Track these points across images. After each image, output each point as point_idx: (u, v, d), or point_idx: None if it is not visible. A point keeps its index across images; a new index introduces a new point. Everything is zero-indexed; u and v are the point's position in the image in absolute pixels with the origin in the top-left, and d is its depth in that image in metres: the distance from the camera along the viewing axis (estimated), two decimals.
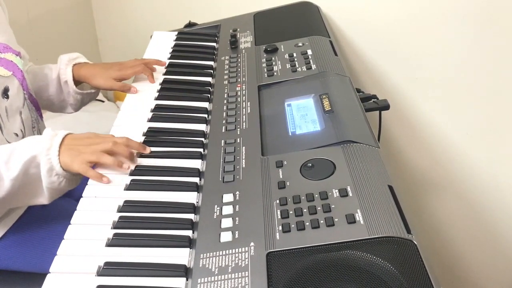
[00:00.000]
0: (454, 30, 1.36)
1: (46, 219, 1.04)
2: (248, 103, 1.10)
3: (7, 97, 1.02)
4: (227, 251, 0.74)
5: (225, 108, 1.10)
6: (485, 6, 1.30)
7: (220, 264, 0.72)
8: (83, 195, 0.88)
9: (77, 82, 1.20)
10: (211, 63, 1.31)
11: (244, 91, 1.14)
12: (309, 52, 1.23)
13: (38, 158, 0.88)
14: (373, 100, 1.15)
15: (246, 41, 1.37)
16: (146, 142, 1.00)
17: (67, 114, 1.29)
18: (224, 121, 1.05)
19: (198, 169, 0.94)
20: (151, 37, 1.48)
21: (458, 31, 1.36)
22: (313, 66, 1.17)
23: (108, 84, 1.18)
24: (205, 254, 0.74)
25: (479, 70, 1.37)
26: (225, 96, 1.14)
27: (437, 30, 1.39)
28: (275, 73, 1.18)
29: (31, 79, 1.19)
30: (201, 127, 1.06)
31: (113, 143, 0.92)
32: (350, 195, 0.79)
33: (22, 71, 1.08)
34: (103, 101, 2.07)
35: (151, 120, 1.08)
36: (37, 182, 0.90)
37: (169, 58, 1.33)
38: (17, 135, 1.04)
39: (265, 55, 1.27)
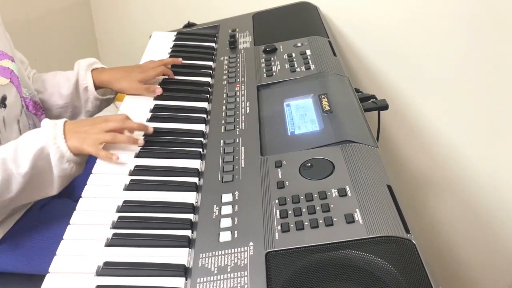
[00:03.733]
0: (453, 30, 1.36)
1: (45, 220, 1.04)
2: (247, 103, 1.10)
3: (5, 106, 1.00)
4: (226, 251, 0.74)
5: (224, 108, 1.10)
6: (485, 6, 1.30)
7: (219, 264, 0.72)
8: (82, 195, 0.88)
9: (95, 88, 1.19)
10: (210, 63, 1.31)
11: (243, 91, 1.14)
12: (308, 52, 1.24)
13: (46, 149, 0.89)
14: (372, 100, 1.16)
15: (245, 41, 1.37)
16: (146, 142, 1.00)
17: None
18: (223, 121, 1.05)
19: (197, 169, 0.94)
20: (150, 37, 1.48)
21: (456, 31, 1.36)
22: (312, 66, 1.17)
23: (133, 87, 1.16)
24: (204, 254, 0.74)
25: (478, 70, 1.37)
26: (224, 96, 1.14)
27: (436, 30, 1.39)
28: (274, 73, 1.18)
29: (40, 87, 1.18)
30: (200, 127, 1.06)
31: (122, 120, 0.96)
32: (349, 194, 0.79)
33: (19, 77, 1.06)
34: None
35: (150, 120, 1.08)
36: (47, 174, 0.91)
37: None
38: None
39: (264, 55, 1.27)
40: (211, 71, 1.28)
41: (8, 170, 0.88)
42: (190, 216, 0.84)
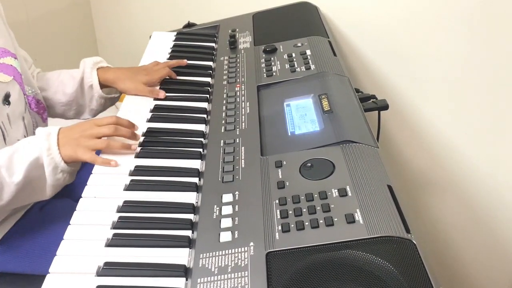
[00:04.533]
0: (453, 30, 1.37)
1: (45, 220, 1.04)
2: (247, 103, 1.10)
3: (8, 103, 1.00)
4: (226, 251, 0.74)
5: (224, 108, 1.10)
6: (485, 6, 1.30)
7: (219, 264, 0.72)
8: (82, 195, 0.88)
9: (100, 86, 1.19)
10: (210, 63, 1.31)
11: (243, 91, 1.14)
12: (308, 52, 1.24)
13: (41, 160, 0.89)
14: (372, 100, 1.16)
15: (245, 41, 1.37)
16: (146, 142, 1.00)
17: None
18: (223, 121, 1.05)
19: (198, 169, 0.94)
20: (150, 37, 1.48)
21: (456, 31, 1.36)
22: (312, 66, 1.17)
23: (137, 88, 1.17)
24: (204, 254, 0.74)
25: (478, 70, 1.37)
26: (224, 97, 1.14)
27: (436, 30, 1.39)
28: (274, 73, 1.19)
29: (44, 85, 1.18)
30: (201, 127, 1.06)
31: (114, 127, 0.95)
32: (350, 194, 0.79)
33: (21, 75, 1.06)
34: None
35: (150, 120, 1.08)
36: (40, 182, 0.91)
37: (168, 59, 1.33)
38: None
39: (264, 55, 1.27)
40: (211, 71, 1.28)
41: (1, 178, 0.87)
42: (190, 216, 0.84)
